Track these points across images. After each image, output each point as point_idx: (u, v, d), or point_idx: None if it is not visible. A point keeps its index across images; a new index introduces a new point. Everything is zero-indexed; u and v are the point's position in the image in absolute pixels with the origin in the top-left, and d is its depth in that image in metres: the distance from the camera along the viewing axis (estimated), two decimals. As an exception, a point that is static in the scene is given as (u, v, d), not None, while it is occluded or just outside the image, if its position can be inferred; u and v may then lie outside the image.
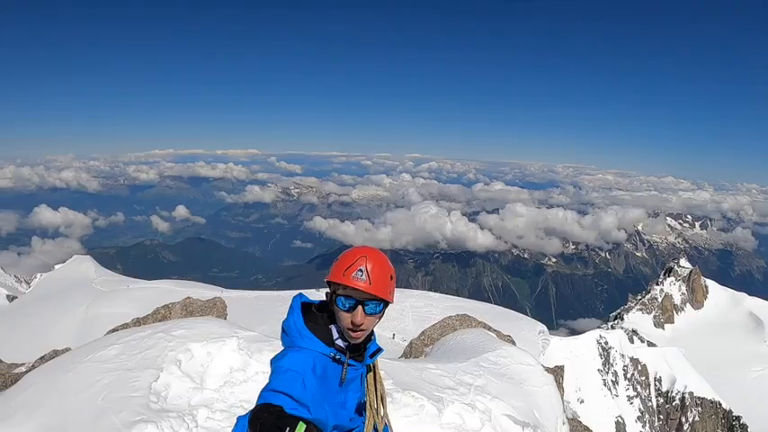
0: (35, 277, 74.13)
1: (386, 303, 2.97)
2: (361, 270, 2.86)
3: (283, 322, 3.09)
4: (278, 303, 26.16)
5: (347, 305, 2.88)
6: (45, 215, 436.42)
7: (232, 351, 8.95)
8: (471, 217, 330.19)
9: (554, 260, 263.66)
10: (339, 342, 2.99)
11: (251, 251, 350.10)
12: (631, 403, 40.84)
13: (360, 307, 2.88)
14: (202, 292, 28.33)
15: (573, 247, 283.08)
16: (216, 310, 12.76)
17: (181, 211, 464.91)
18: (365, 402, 3.23)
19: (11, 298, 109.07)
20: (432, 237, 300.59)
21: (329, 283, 2.97)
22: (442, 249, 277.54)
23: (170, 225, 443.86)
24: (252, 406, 2.69)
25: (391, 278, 2.98)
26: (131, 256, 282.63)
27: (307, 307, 3.11)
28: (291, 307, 3.12)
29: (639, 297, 70.79)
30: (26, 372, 12.86)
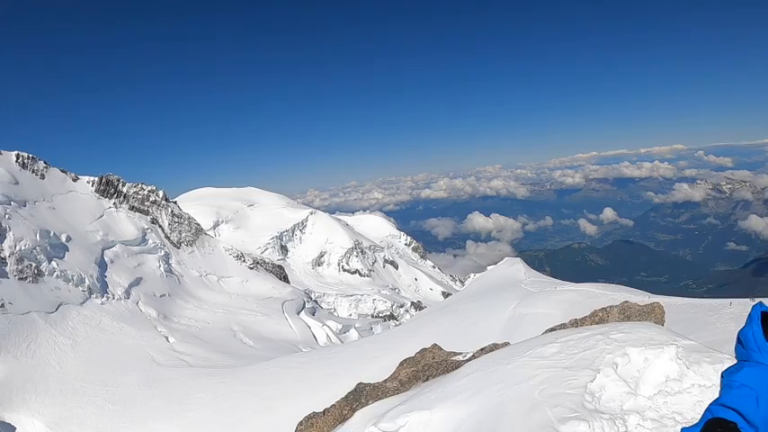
0: (468, 277, 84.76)
1: None
2: None
3: (740, 332, 3.12)
4: (709, 313, 24.95)
5: None
6: (478, 221, 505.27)
7: (670, 359, 9.14)
8: None
9: None
10: None
11: (681, 254, 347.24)
12: None
13: None
14: (628, 296, 28.70)
15: None
16: (654, 315, 13.13)
17: (608, 213, 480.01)
18: None
19: (446, 294, 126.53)
20: None
21: None
22: None
23: (597, 228, 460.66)
24: (684, 419, 2.97)
25: None
26: (559, 259, 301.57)
27: (767, 318, 3.10)
28: (750, 316, 3.08)
29: None
30: (466, 360, 15.32)
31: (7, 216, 77.16)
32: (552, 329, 14.89)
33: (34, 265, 73.74)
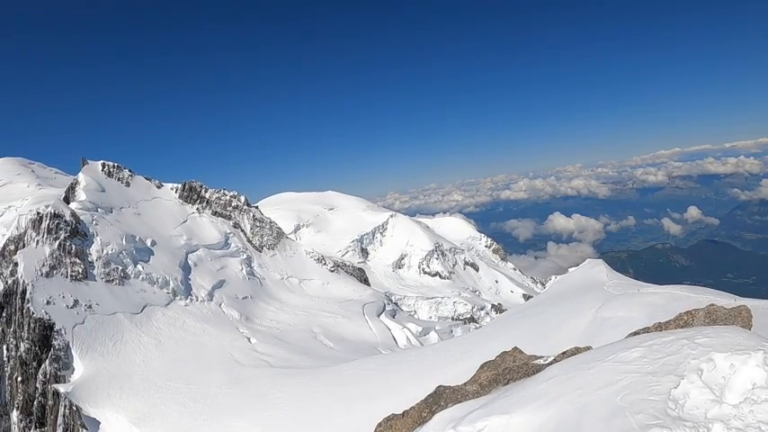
0: (549, 279, 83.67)
1: None
2: None
3: None
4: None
5: None
6: (559, 222, 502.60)
7: (757, 366, 8.86)
8: None
9: None
10: None
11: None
12: None
13: None
14: (714, 299, 27.76)
15: None
16: (741, 319, 12.76)
17: (692, 212, 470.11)
18: None
19: (526, 297, 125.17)
20: None
21: None
22: None
23: (681, 227, 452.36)
24: None
25: None
26: (643, 260, 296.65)
27: None
28: None
29: None
30: (547, 364, 15.25)
31: (94, 222, 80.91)
32: (635, 333, 14.73)
33: (120, 268, 76.97)
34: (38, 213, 76.18)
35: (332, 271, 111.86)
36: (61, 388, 56.22)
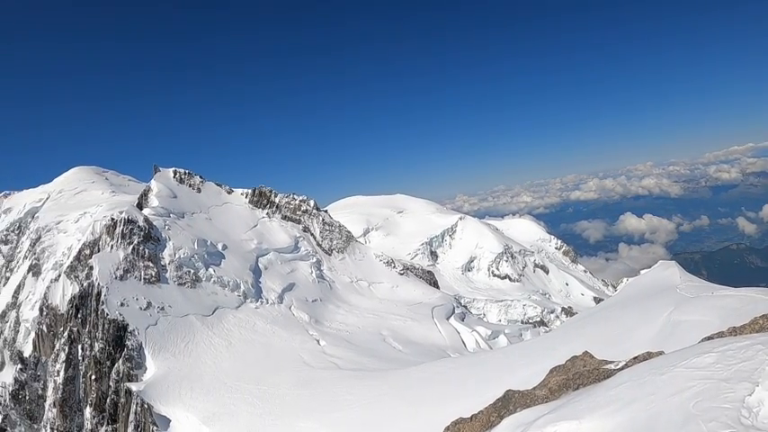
0: (621, 281, 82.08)
1: None
2: None
3: None
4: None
5: None
6: (630, 222, 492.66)
7: None
8: None
9: None
10: None
11: None
12: None
13: None
14: None
15: None
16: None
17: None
18: None
19: (597, 300, 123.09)
20: None
21: None
22: None
23: (757, 227, 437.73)
24: None
25: None
26: (716, 261, 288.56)
27: None
28: None
29: None
30: (618, 369, 15.09)
31: (167, 227, 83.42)
32: (709, 338, 14.44)
33: (192, 271, 79.11)
34: (112, 219, 79.14)
35: (401, 274, 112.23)
36: (133, 386, 58.26)
